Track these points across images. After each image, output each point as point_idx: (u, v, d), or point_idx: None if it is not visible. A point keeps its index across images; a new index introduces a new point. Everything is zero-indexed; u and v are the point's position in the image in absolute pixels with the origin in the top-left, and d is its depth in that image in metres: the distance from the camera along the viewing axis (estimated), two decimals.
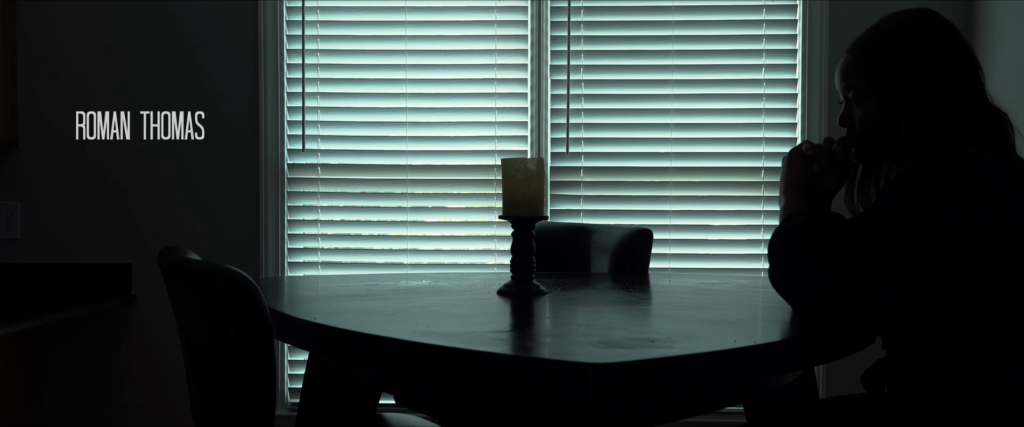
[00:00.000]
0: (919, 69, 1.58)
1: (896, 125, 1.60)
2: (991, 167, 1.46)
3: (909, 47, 1.60)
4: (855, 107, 1.66)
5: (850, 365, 2.24)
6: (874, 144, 1.65)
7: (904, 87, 1.58)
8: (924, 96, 1.57)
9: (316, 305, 1.86)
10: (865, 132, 1.65)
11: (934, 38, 1.60)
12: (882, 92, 1.61)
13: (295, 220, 3.54)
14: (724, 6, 3.47)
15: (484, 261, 3.53)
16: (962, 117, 1.57)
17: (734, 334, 1.54)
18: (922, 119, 1.57)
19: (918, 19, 1.63)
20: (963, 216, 1.42)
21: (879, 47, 1.62)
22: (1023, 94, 3.00)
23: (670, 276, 2.59)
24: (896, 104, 1.59)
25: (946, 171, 1.45)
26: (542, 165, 1.97)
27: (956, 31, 1.63)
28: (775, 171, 3.45)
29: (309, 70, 3.52)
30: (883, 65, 1.61)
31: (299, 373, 3.51)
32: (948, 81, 1.57)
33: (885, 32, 1.64)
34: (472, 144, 3.53)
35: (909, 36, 1.60)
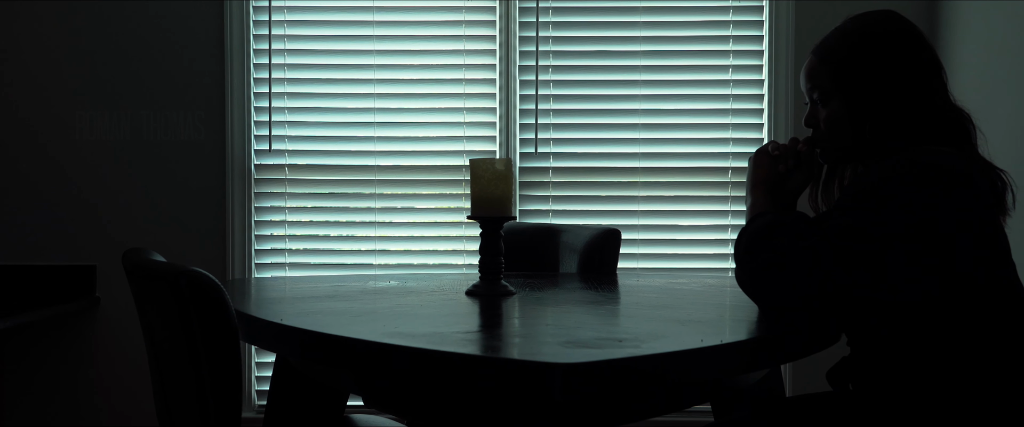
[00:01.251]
0: (883, 70, 1.60)
1: (860, 125, 1.61)
2: (953, 164, 1.48)
3: (873, 48, 1.61)
4: (820, 108, 1.68)
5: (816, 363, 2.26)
6: (839, 144, 1.66)
7: (868, 87, 1.60)
8: (888, 96, 1.59)
9: (283, 306, 1.85)
10: (830, 132, 1.66)
11: (897, 39, 1.62)
12: (846, 92, 1.62)
13: (262, 221, 3.52)
14: (692, 7, 3.49)
15: (453, 261, 3.53)
16: (925, 117, 1.58)
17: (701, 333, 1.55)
18: (886, 119, 1.59)
19: (882, 20, 1.65)
20: (925, 213, 1.44)
21: (843, 48, 1.64)
22: (986, 93, 3.04)
23: (638, 276, 2.60)
24: (860, 104, 1.61)
25: (908, 168, 1.46)
26: (510, 165, 1.97)
27: (919, 32, 1.65)
28: (742, 171, 3.47)
29: (276, 70, 3.50)
30: (847, 66, 1.62)
31: (266, 375, 3.48)
32: (911, 81, 1.59)
33: (849, 33, 1.65)
34: (440, 144, 3.52)
35: (873, 37, 1.62)
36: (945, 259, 1.45)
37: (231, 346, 1.47)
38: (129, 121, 3.47)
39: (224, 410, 1.47)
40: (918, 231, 1.44)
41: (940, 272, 1.46)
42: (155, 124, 3.47)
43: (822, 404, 1.73)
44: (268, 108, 3.49)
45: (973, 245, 1.46)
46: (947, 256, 1.45)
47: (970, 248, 1.46)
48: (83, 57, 3.46)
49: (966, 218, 1.46)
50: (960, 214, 1.45)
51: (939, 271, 1.45)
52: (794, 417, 1.70)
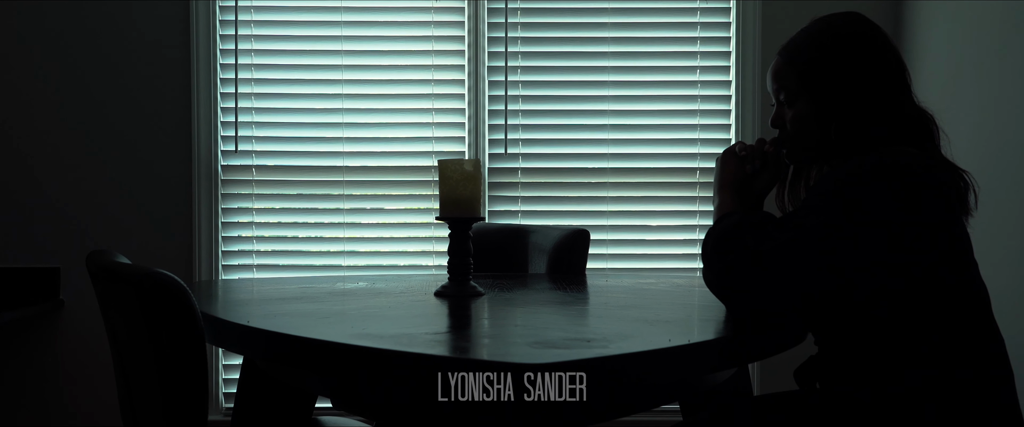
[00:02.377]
0: (848, 71, 1.61)
1: (826, 126, 1.63)
2: (917, 164, 1.49)
3: (839, 49, 1.62)
4: (786, 109, 1.69)
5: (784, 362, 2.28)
6: (805, 144, 1.67)
7: (834, 88, 1.61)
8: (853, 97, 1.60)
9: (250, 308, 1.84)
10: (796, 133, 1.67)
11: (863, 41, 1.63)
12: (812, 93, 1.63)
13: (229, 222, 3.49)
14: (660, 8, 3.50)
15: (423, 262, 3.52)
16: (889, 118, 1.60)
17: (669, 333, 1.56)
18: (851, 119, 1.60)
19: (848, 22, 1.66)
20: (890, 213, 1.45)
21: (809, 49, 1.65)
22: (949, 92, 3.08)
23: (607, 276, 2.60)
24: (826, 105, 1.62)
25: (873, 168, 1.48)
26: (479, 166, 1.97)
27: (884, 34, 1.66)
28: (710, 171, 3.49)
29: (243, 70, 3.47)
30: (813, 67, 1.63)
31: (233, 377, 3.46)
32: (876, 83, 1.61)
33: (815, 34, 1.66)
34: (409, 145, 3.51)
35: (839, 38, 1.63)
36: (909, 258, 1.46)
37: (197, 349, 1.45)
38: (94, 122, 3.43)
39: (190, 413, 1.45)
40: (883, 231, 1.45)
41: (904, 271, 1.47)
42: (121, 125, 3.44)
43: (789, 403, 1.74)
44: (235, 109, 3.47)
45: (937, 244, 1.48)
46: (911, 255, 1.46)
47: (934, 247, 1.48)
48: (47, 56, 3.42)
49: (930, 218, 1.47)
50: (924, 214, 1.47)
51: (903, 270, 1.47)
52: (761, 416, 1.71)
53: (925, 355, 1.47)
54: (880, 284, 1.48)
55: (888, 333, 1.49)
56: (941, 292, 1.48)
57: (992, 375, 1.49)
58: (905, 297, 1.48)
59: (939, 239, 1.48)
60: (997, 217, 2.74)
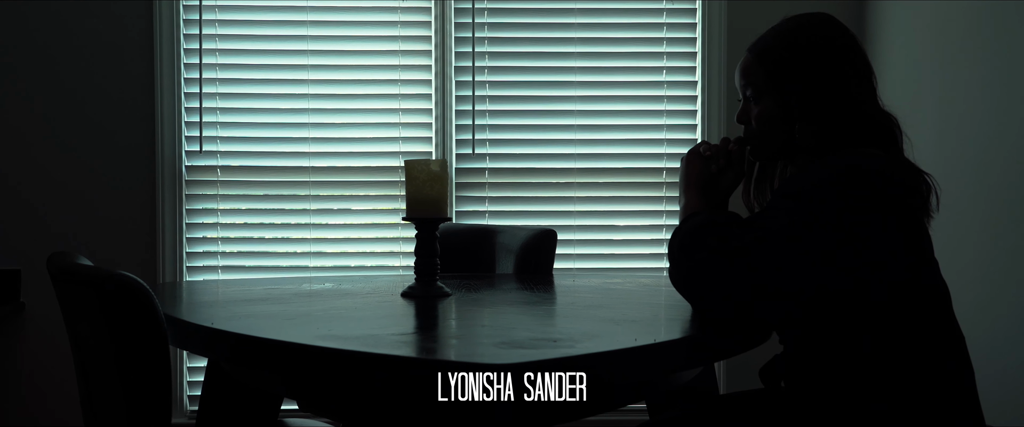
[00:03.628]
0: (817, 71, 1.62)
1: (791, 124, 1.63)
2: (881, 167, 1.51)
3: (808, 49, 1.63)
4: (753, 105, 1.70)
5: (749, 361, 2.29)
6: (770, 142, 1.68)
7: (801, 88, 1.62)
8: (820, 98, 1.61)
9: (215, 310, 1.82)
10: (761, 130, 1.68)
11: (833, 43, 1.64)
12: (780, 92, 1.64)
13: (194, 223, 3.46)
14: (626, 8, 3.52)
15: (390, 263, 3.51)
16: (855, 120, 1.61)
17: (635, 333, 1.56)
18: (817, 120, 1.61)
19: (819, 23, 1.67)
20: (854, 215, 1.47)
21: (779, 48, 1.66)
22: (910, 92, 3.11)
23: (574, 276, 2.61)
24: (793, 104, 1.63)
25: (837, 170, 1.49)
26: (445, 166, 1.97)
27: (853, 36, 1.68)
28: (676, 171, 3.51)
29: (207, 70, 3.45)
30: (782, 65, 1.64)
31: (198, 380, 3.43)
32: (844, 85, 1.62)
33: (785, 33, 1.67)
34: (376, 145, 3.50)
35: (809, 39, 1.64)
36: (872, 259, 1.48)
37: (160, 351, 1.44)
38: (55, 121, 3.39)
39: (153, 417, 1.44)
40: (846, 232, 1.46)
41: (866, 272, 1.48)
42: (82, 125, 3.39)
43: (755, 401, 1.75)
44: (199, 109, 3.44)
45: (899, 246, 1.50)
46: (874, 257, 1.48)
47: (896, 249, 1.49)
48: (8, 55, 3.37)
49: (893, 220, 1.49)
50: (887, 216, 1.48)
51: (865, 271, 1.48)
52: (727, 414, 1.72)
53: (886, 353, 1.49)
54: (842, 284, 1.49)
55: (850, 332, 1.51)
56: (902, 291, 1.50)
57: (952, 371, 1.51)
58: (867, 297, 1.49)
59: (900, 240, 1.50)
60: (956, 216, 2.77)
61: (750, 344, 1.65)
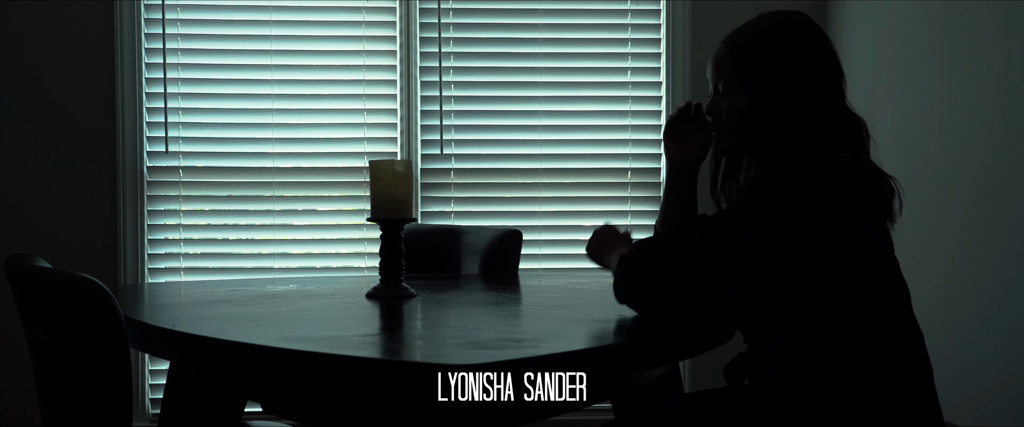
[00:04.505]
0: (789, 69, 1.63)
1: (761, 121, 1.64)
2: (845, 168, 1.52)
3: (782, 46, 1.64)
4: (723, 98, 1.70)
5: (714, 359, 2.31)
6: (738, 137, 1.68)
7: (772, 84, 1.63)
8: (792, 96, 1.62)
9: (177, 312, 1.80)
10: (730, 122, 1.68)
11: (809, 42, 1.65)
12: (751, 86, 1.64)
13: (156, 225, 3.42)
14: (591, 9, 3.53)
15: (355, 264, 3.49)
16: (825, 121, 1.62)
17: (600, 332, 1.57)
18: (787, 118, 1.62)
19: (794, 21, 1.68)
20: (816, 215, 1.48)
21: (754, 43, 1.66)
22: (872, 91, 3.14)
23: (540, 276, 2.61)
24: (764, 100, 1.63)
25: (802, 171, 1.50)
26: (410, 167, 1.96)
27: (826, 37, 1.69)
28: (642, 171, 3.52)
29: (170, 70, 3.41)
30: (756, 60, 1.64)
31: (161, 382, 3.39)
32: (816, 84, 1.63)
33: (762, 29, 1.68)
34: (341, 146, 3.48)
35: (783, 36, 1.65)
36: (833, 259, 1.49)
37: (120, 354, 1.42)
38: (14, 122, 3.34)
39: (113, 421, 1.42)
40: (808, 233, 1.47)
41: (827, 271, 1.49)
42: (42, 126, 3.35)
43: (719, 399, 1.76)
44: (163, 109, 3.40)
45: (860, 246, 1.51)
46: (835, 256, 1.49)
47: (857, 248, 1.50)
48: None
49: (854, 220, 1.50)
50: (849, 216, 1.49)
51: (826, 270, 1.49)
52: (692, 412, 1.73)
53: (846, 351, 1.50)
54: (804, 283, 1.50)
55: (811, 330, 1.52)
56: (862, 290, 1.51)
57: (911, 370, 1.53)
58: (828, 296, 1.50)
59: (861, 240, 1.51)
60: (917, 215, 2.81)
61: (714, 343, 1.66)
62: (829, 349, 1.51)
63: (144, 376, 3.40)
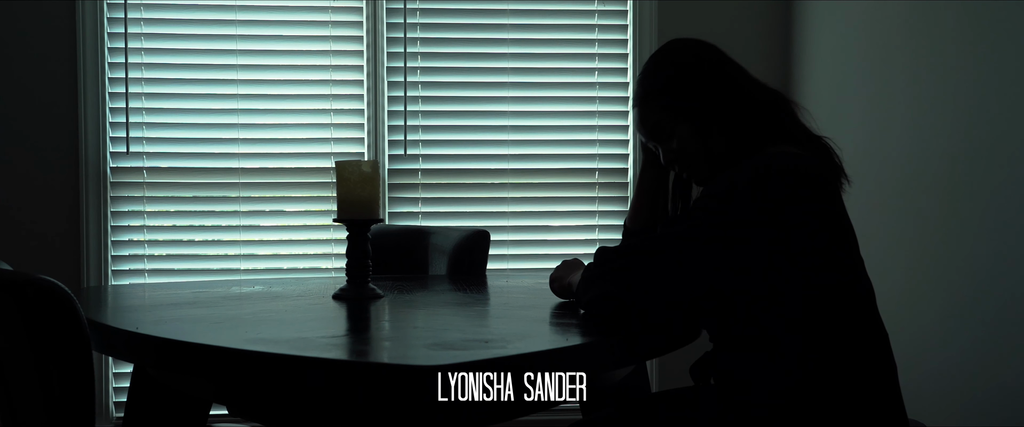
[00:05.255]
0: (702, 81, 1.67)
1: (707, 136, 1.66)
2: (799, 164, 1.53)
3: (685, 68, 1.69)
4: (669, 143, 1.72)
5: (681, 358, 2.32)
6: (699, 163, 1.69)
7: (698, 102, 1.66)
8: (718, 101, 1.65)
9: (140, 314, 1.79)
10: (688, 156, 1.70)
11: (701, 53, 1.71)
12: (684, 117, 1.67)
13: (119, 226, 3.39)
14: (558, 9, 3.53)
15: (322, 265, 3.47)
16: (754, 108, 1.65)
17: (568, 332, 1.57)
18: (724, 123, 1.64)
19: (679, 46, 1.74)
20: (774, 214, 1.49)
21: (661, 82, 1.70)
22: (837, 91, 3.18)
23: (507, 277, 2.61)
24: (699, 119, 1.66)
25: (756, 171, 1.51)
26: (377, 167, 1.95)
27: (711, 45, 1.74)
28: (609, 172, 3.53)
29: (133, 70, 3.37)
30: (671, 94, 1.68)
31: (125, 385, 3.35)
32: (731, 80, 1.66)
33: (658, 69, 1.73)
34: (308, 146, 3.47)
35: (680, 60, 1.71)
36: (797, 258, 1.50)
37: (82, 357, 1.41)
38: None
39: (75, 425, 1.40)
40: (767, 232, 1.49)
41: (792, 271, 1.51)
42: (2, 126, 3.30)
43: (685, 399, 1.77)
44: (125, 109, 3.36)
45: (821, 244, 1.52)
46: (794, 255, 1.50)
47: (818, 247, 1.52)
48: None
49: (813, 217, 1.51)
50: (808, 214, 1.51)
51: (791, 270, 1.51)
52: (658, 411, 1.74)
53: (810, 350, 1.52)
54: (766, 283, 1.51)
55: (774, 330, 1.53)
56: (826, 289, 1.52)
57: (875, 368, 1.55)
58: (791, 295, 1.51)
59: (822, 238, 1.52)
60: (882, 214, 2.84)
61: (680, 343, 1.67)
62: (793, 348, 1.52)
63: (107, 379, 3.36)
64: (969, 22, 2.47)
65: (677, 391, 1.84)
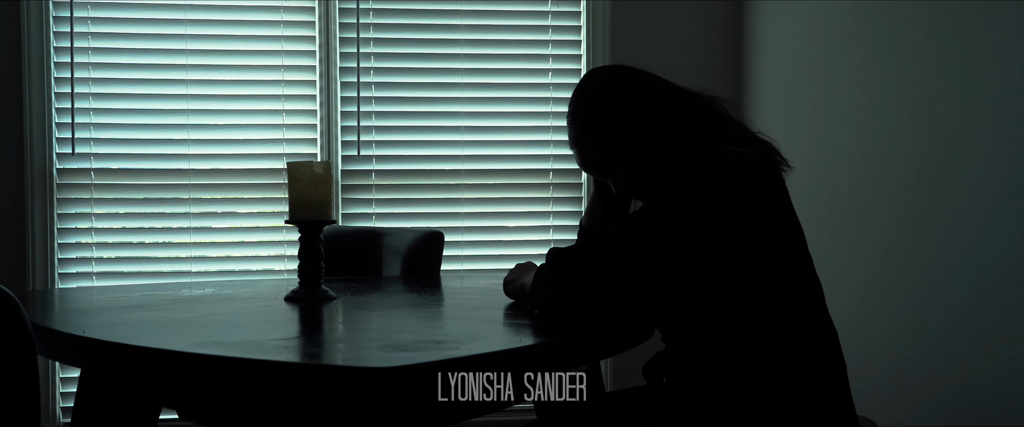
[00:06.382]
0: (629, 114, 1.67)
1: (650, 165, 1.67)
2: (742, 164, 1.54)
3: (609, 104, 1.69)
4: (616, 174, 1.72)
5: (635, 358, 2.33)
6: (651, 186, 1.70)
7: (631, 131, 1.66)
8: (649, 125, 1.65)
9: (87, 318, 1.76)
10: (637, 185, 1.71)
11: (616, 81, 1.71)
12: (622, 152, 1.68)
13: (66, 228, 3.33)
14: (512, 10, 3.53)
15: (275, 267, 3.44)
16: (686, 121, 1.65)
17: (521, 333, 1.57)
18: (661, 140, 1.65)
19: (597, 79, 1.75)
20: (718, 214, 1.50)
21: (588, 119, 1.71)
22: (787, 90, 3.21)
23: (462, 277, 2.61)
24: (639, 150, 1.66)
25: (700, 173, 1.53)
26: (329, 168, 1.94)
27: (625, 67, 1.74)
28: (563, 172, 3.54)
29: (80, 69, 3.32)
30: (602, 131, 1.69)
31: (73, 390, 3.30)
32: (656, 100, 1.66)
33: (584, 106, 1.73)
34: (260, 147, 3.43)
35: (604, 97, 1.70)
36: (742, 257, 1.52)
37: (27, 362, 1.38)
38: None
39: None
40: (715, 232, 1.50)
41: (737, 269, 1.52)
42: None
43: (638, 398, 1.78)
44: (71, 110, 3.31)
45: (768, 243, 1.54)
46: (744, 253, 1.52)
47: (765, 246, 1.53)
48: None
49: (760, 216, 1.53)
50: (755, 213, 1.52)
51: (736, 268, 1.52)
52: (612, 411, 1.75)
53: (760, 349, 1.53)
54: (715, 283, 1.52)
55: (724, 329, 1.54)
56: (775, 288, 1.54)
57: (825, 367, 1.57)
58: (739, 294, 1.53)
59: (768, 237, 1.54)
60: (831, 212, 2.87)
61: (633, 342, 1.68)
62: (742, 347, 1.53)
63: (54, 384, 3.30)
64: (920, 20, 2.48)
65: (630, 391, 1.85)
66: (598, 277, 1.52)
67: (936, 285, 2.40)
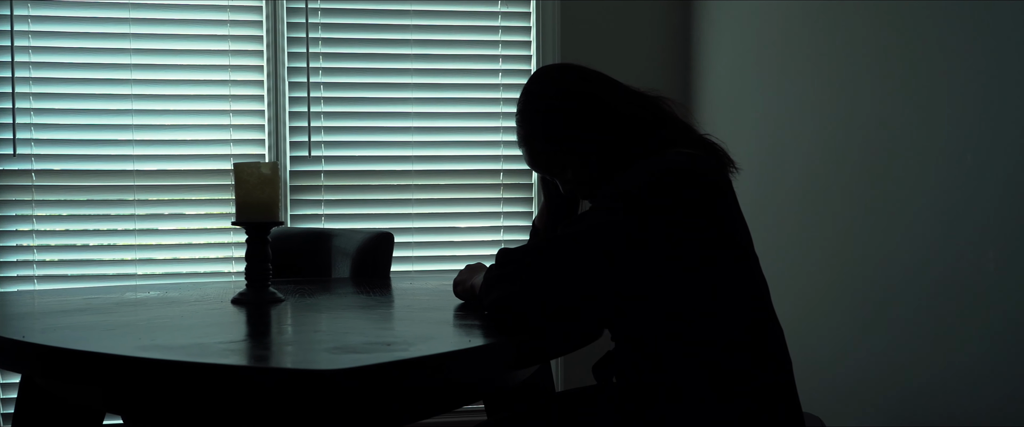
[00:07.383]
0: (577, 115, 1.68)
1: (598, 164, 1.68)
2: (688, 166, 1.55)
3: (557, 107, 1.70)
4: (565, 174, 1.73)
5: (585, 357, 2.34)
6: (598, 186, 1.71)
7: (577, 131, 1.67)
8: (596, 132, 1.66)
9: (28, 322, 1.72)
10: (585, 185, 1.72)
11: (564, 82, 1.72)
12: (569, 151, 1.69)
13: (6, 230, 3.25)
14: (461, 11, 3.53)
15: (223, 269, 3.40)
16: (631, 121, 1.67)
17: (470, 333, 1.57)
18: (609, 141, 1.66)
19: (546, 79, 1.75)
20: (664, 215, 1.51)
21: (537, 120, 1.71)
22: (734, 89, 3.24)
23: (411, 278, 2.60)
24: (585, 149, 1.67)
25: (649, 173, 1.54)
26: (276, 169, 1.92)
27: (572, 67, 1.75)
28: (514, 172, 3.54)
29: (20, 69, 3.25)
30: (550, 131, 1.70)
31: (13, 397, 3.22)
32: (602, 100, 1.68)
33: (532, 106, 1.73)
34: (207, 148, 3.39)
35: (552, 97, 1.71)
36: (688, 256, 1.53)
37: None
38: None
39: None
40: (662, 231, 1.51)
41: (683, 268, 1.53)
42: None
43: (589, 397, 1.78)
44: (12, 110, 3.23)
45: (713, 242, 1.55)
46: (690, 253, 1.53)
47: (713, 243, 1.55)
48: None
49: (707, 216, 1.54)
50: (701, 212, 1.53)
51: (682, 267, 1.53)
52: (562, 411, 1.75)
53: (707, 347, 1.54)
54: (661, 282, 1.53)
55: (670, 328, 1.55)
56: (721, 287, 1.55)
57: (771, 364, 1.58)
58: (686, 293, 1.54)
59: (713, 236, 1.55)
60: (777, 211, 2.91)
61: (583, 342, 1.69)
62: (689, 345, 1.55)
63: None
64: (868, 20, 2.51)
65: (581, 390, 1.86)
66: (546, 277, 1.52)
67: (884, 286, 2.43)
